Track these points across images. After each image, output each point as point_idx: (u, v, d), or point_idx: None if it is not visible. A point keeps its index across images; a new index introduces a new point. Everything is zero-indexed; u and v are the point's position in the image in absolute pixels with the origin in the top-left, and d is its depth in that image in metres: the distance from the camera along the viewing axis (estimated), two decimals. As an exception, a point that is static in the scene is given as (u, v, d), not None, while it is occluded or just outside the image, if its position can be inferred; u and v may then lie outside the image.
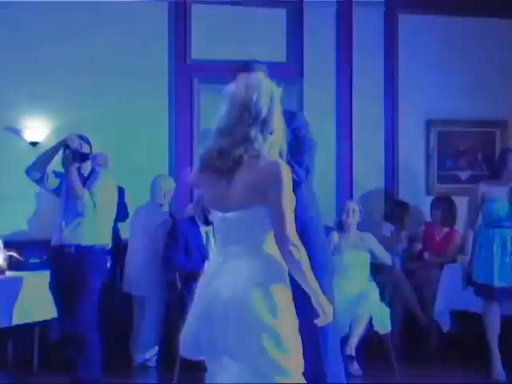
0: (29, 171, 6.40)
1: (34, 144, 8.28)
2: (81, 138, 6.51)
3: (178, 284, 7.13)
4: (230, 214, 3.40)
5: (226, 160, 3.37)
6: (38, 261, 7.29)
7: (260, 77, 3.56)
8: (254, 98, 3.39)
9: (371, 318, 7.10)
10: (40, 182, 6.45)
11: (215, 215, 3.49)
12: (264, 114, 3.39)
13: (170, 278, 7.37)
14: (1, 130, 8.26)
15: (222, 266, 3.42)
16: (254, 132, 3.36)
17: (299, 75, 8.64)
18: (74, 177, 6.28)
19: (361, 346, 7.10)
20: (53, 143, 7.12)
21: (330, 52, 8.58)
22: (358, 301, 7.01)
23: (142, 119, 8.47)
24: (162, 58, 8.56)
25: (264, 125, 3.40)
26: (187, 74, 8.61)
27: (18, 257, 7.21)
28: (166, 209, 7.94)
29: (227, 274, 3.37)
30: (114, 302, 7.30)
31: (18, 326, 6.76)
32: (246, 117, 3.38)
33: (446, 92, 8.93)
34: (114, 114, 8.37)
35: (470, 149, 9.06)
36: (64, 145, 6.46)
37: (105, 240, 6.46)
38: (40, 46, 8.21)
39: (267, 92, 3.44)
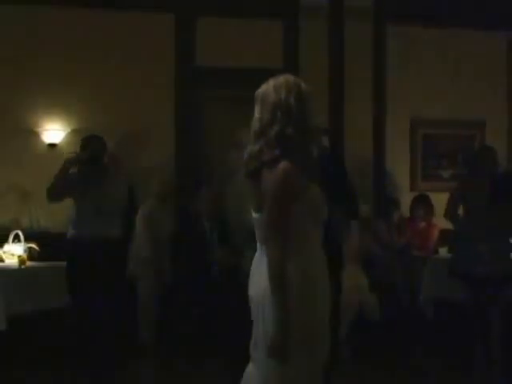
0: (50, 197, 6.32)
1: (52, 145, 8.45)
2: (96, 138, 6.53)
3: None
4: (255, 215, 3.26)
5: (254, 162, 3.20)
6: (53, 252, 7.04)
7: (288, 76, 3.29)
8: (284, 97, 3.19)
9: (361, 306, 7.21)
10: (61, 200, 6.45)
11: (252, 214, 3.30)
12: (295, 111, 3.18)
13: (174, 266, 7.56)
14: (22, 133, 8.38)
15: (259, 261, 3.24)
16: (289, 130, 3.16)
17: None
18: (89, 176, 6.33)
19: (351, 332, 7.18)
20: (69, 144, 7.24)
21: (323, 60, 8.64)
22: (349, 290, 7.11)
23: (151, 122, 8.60)
24: (170, 64, 8.69)
25: (297, 123, 3.19)
26: (192, 79, 8.75)
27: (37, 248, 7.21)
28: (168, 204, 8.08)
29: (258, 270, 3.25)
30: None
31: (36, 311, 6.79)
32: (279, 116, 3.18)
33: (430, 98, 9.06)
34: (125, 117, 8.51)
35: (451, 149, 9.21)
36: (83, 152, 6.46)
37: (117, 233, 6.50)
38: (58, 56, 8.39)
39: (296, 90, 3.21)
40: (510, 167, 8.45)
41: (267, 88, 3.24)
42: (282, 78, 3.24)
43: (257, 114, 3.23)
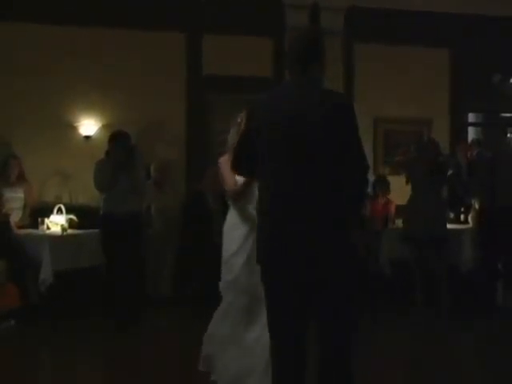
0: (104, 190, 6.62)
1: (87, 137, 8.54)
2: (123, 133, 6.65)
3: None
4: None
5: None
6: (88, 222, 7.21)
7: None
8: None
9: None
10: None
11: None
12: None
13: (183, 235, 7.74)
14: (63, 127, 8.44)
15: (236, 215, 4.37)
16: None
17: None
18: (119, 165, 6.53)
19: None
20: (101, 136, 7.23)
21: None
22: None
23: (166, 120, 8.63)
24: (182, 73, 8.74)
25: None
26: (200, 85, 8.77)
27: (75, 219, 7.28)
28: (165, 185, 8.08)
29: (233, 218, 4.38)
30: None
31: (75, 269, 6.89)
32: None
33: (389, 100, 9.20)
34: (145, 115, 8.50)
35: (405, 141, 9.35)
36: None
37: (138, 208, 6.70)
38: (93, 65, 8.42)
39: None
40: (452, 156, 8.53)
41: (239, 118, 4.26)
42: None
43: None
